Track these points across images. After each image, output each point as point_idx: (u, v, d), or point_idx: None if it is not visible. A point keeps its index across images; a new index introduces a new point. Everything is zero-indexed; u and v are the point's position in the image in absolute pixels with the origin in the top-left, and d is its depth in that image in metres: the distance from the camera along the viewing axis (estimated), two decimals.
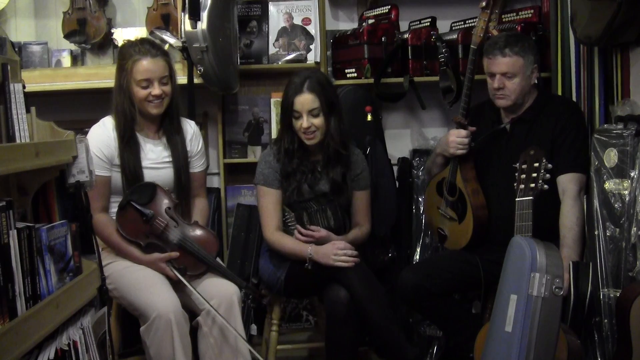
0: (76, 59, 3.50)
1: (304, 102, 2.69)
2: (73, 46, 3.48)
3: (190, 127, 2.81)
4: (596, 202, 2.59)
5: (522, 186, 2.43)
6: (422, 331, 3.27)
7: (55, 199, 1.97)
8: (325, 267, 2.62)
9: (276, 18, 3.55)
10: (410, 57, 3.38)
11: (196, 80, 3.18)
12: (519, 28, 3.21)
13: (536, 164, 2.41)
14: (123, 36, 3.36)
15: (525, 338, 2.25)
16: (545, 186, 2.40)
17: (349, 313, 2.58)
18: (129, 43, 2.67)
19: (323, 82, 2.73)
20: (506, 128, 2.84)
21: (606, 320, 2.50)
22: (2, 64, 1.81)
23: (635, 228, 2.45)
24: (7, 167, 1.62)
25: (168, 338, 2.38)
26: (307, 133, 2.71)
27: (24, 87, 1.87)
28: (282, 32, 3.55)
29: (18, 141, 1.81)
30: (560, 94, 3.08)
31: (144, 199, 2.58)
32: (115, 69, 2.68)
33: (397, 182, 3.42)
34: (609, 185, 2.57)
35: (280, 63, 3.52)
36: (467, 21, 3.43)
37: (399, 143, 3.64)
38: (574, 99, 3.00)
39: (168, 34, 3.25)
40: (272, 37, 3.54)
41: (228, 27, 3.25)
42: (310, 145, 2.75)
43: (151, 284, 2.49)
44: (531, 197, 2.40)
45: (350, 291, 2.58)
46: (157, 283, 2.51)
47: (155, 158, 2.69)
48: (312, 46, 3.53)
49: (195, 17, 3.03)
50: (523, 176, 2.44)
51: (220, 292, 2.53)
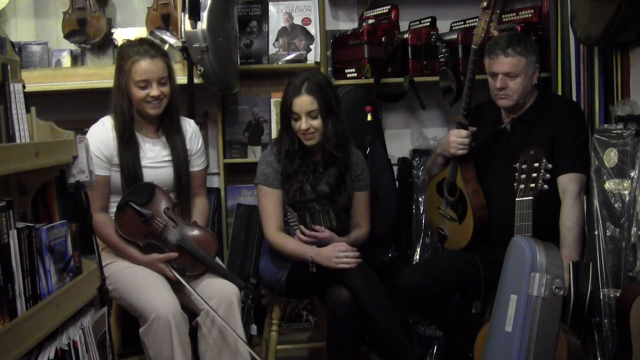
0: (76, 59, 3.50)
1: (302, 104, 2.68)
2: (73, 46, 3.48)
3: (189, 126, 2.81)
4: (596, 202, 2.59)
5: (522, 186, 2.43)
6: (422, 331, 3.27)
7: (55, 199, 1.97)
8: (327, 268, 2.62)
9: (276, 18, 3.55)
10: (410, 57, 3.38)
11: (196, 80, 3.18)
12: (519, 28, 3.21)
13: (536, 164, 2.41)
14: (123, 36, 3.36)
15: (525, 338, 2.25)
16: (545, 186, 2.40)
17: (351, 313, 2.57)
18: (128, 43, 2.67)
19: (322, 84, 2.72)
20: (506, 128, 2.84)
21: (606, 320, 2.49)
22: (2, 64, 1.81)
23: (635, 228, 2.45)
24: (7, 167, 1.62)
25: (167, 339, 2.38)
26: (306, 134, 2.71)
27: (24, 87, 1.87)
28: (282, 32, 3.54)
29: (18, 141, 1.81)
30: (560, 94, 3.08)
31: (143, 200, 2.57)
32: (114, 69, 2.68)
33: (397, 182, 3.42)
34: (609, 185, 2.57)
35: (280, 63, 3.52)
36: (467, 21, 3.43)
37: (399, 143, 3.64)
38: (574, 99, 3.00)
39: (168, 34, 3.25)
40: (272, 37, 3.54)
41: (228, 27, 3.24)
42: (309, 145, 2.75)
43: (150, 285, 2.49)
44: (531, 197, 2.40)
45: (352, 291, 2.58)
46: (156, 284, 2.50)
47: (154, 157, 2.68)
48: (312, 46, 3.53)
49: (195, 17, 3.03)
50: (523, 176, 2.44)
51: (219, 293, 2.53)
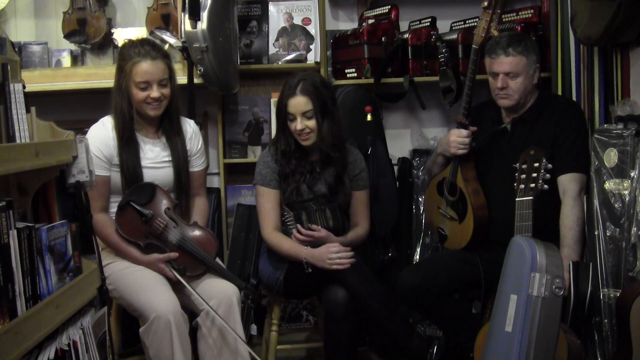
0: (76, 59, 3.50)
1: (297, 105, 2.68)
2: (73, 46, 3.48)
3: (189, 127, 2.80)
4: (596, 202, 2.59)
5: (522, 186, 2.43)
6: (422, 331, 3.27)
7: (55, 199, 1.96)
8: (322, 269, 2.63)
9: (276, 18, 3.55)
10: (410, 57, 3.38)
11: (196, 80, 3.18)
12: (519, 28, 3.21)
13: (536, 164, 2.41)
14: (123, 36, 3.37)
15: (525, 338, 2.25)
16: (545, 186, 2.40)
17: (348, 313, 2.58)
18: (130, 43, 2.66)
19: (317, 84, 2.71)
20: (507, 128, 2.84)
21: (606, 320, 2.49)
22: (2, 64, 1.81)
23: (635, 228, 2.45)
24: (7, 167, 1.62)
25: (167, 339, 2.38)
26: (302, 135, 2.71)
27: (24, 87, 1.87)
28: (282, 32, 3.54)
29: (18, 141, 1.81)
30: (560, 94, 3.08)
31: (143, 199, 2.57)
32: (115, 69, 2.67)
33: (397, 182, 3.42)
34: (609, 185, 2.57)
35: (280, 63, 3.52)
36: (467, 21, 3.43)
37: (399, 143, 3.64)
38: (574, 99, 3.00)
39: (168, 34, 3.25)
40: (272, 37, 3.54)
41: (228, 27, 3.24)
42: (306, 146, 2.75)
43: (150, 285, 2.49)
44: (531, 197, 2.40)
45: (349, 289, 2.58)
46: (157, 284, 2.50)
47: (154, 157, 2.68)
48: (312, 46, 3.53)
49: (195, 17, 3.03)
50: (523, 176, 2.44)
51: (219, 293, 2.53)
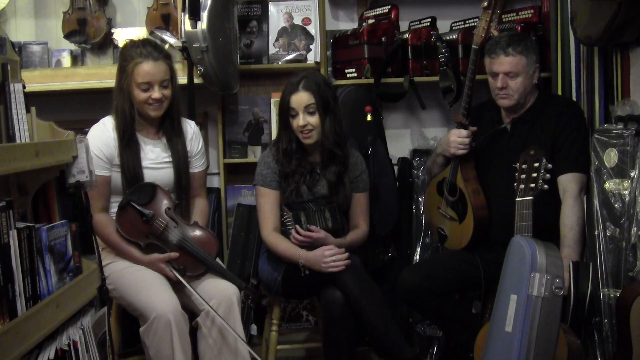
0: (76, 59, 3.50)
1: (300, 100, 2.69)
2: (73, 46, 3.48)
3: (190, 127, 2.80)
4: (596, 202, 2.59)
5: (522, 186, 2.43)
6: (422, 331, 3.27)
7: (55, 199, 1.96)
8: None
9: (276, 18, 3.55)
10: (410, 57, 3.38)
11: (196, 80, 3.18)
12: (519, 28, 3.21)
13: (536, 164, 2.41)
14: (123, 36, 3.37)
15: (525, 338, 2.25)
16: (545, 186, 2.40)
17: (345, 314, 2.58)
18: (131, 44, 2.65)
19: (320, 82, 2.74)
20: (507, 128, 2.84)
21: (606, 320, 2.49)
22: (2, 64, 1.80)
23: (635, 228, 2.45)
24: (7, 167, 1.62)
25: (167, 339, 2.38)
26: (304, 132, 2.71)
27: (24, 87, 1.87)
28: (282, 32, 3.54)
29: (18, 141, 1.81)
30: (560, 94, 3.08)
31: (144, 199, 2.57)
32: (115, 69, 2.67)
33: (397, 182, 3.42)
34: (609, 185, 2.57)
35: (280, 63, 3.52)
36: (467, 21, 3.43)
37: (399, 143, 3.64)
38: (574, 99, 3.00)
39: (168, 34, 3.25)
40: (272, 37, 3.54)
41: (228, 27, 3.25)
42: (308, 144, 2.75)
43: (151, 285, 2.49)
44: (531, 197, 2.40)
45: (344, 292, 2.58)
46: (157, 283, 2.50)
47: (155, 158, 2.68)
48: (312, 46, 3.53)
49: (195, 17, 3.03)
50: (523, 176, 2.44)
51: (219, 293, 2.53)
